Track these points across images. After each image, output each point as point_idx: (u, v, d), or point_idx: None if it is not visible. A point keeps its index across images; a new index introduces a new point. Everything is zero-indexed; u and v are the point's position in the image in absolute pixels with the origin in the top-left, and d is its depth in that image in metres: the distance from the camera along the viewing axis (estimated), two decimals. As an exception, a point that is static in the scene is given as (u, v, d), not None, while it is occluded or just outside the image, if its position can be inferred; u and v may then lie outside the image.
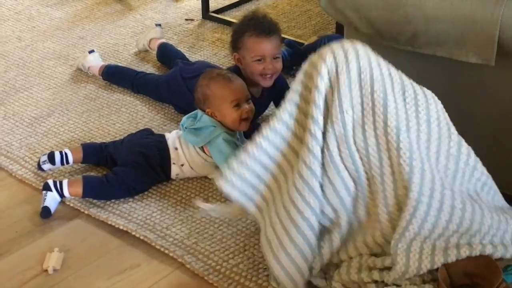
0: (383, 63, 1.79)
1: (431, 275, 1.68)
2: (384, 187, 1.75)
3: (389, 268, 1.71)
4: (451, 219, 1.71)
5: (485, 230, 1.71)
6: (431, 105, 1.78)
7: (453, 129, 1.81)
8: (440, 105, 1.80)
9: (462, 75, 2.04)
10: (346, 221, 1.80)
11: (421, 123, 1.76)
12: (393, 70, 1.80)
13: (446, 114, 1.81)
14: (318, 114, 1.75)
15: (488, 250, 1.67)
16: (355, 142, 1.75)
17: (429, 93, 1.80)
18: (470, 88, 2.04)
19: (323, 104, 1.76)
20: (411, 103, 1.76)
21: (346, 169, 1.77)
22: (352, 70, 1.74)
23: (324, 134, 1.76)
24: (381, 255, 1.77)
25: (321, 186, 1.78)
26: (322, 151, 1.77)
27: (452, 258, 1.65)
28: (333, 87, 1.75)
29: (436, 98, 1.80)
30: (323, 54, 1.77)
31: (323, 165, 1.77)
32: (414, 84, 1.80)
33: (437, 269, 1.66)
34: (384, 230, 1.76)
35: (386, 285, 1.70)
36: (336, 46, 1.77)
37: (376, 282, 1.73)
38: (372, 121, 1.74)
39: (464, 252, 1.65)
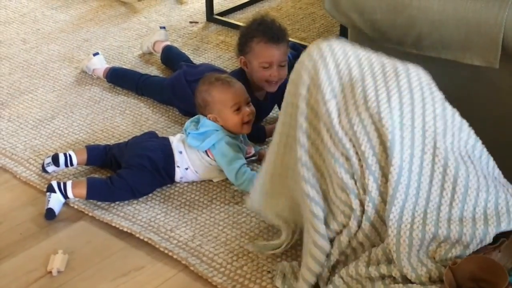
0: (362, 52, 1.84)
1: (438, 272, 1.68)
2: (370, 161, 1.76)
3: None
4: (434, 183, 1.73)
5: (483, 196, 1.73)
6: (412, 73, 1.80)
7: (436, 92, 1.81)
8: (422, 73, 1.82)
9: (466, 78, 2.04)
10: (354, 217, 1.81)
11: (403, 90, 1.78)
12: (373, 55, 1.84)
13: (431, 81, 1.82)
14: (302, 119, 1.83)
15: (480, 228, 1.69)
16: (342, 127, 1.78)
17: (412, 65, 1.82)
18: (474, 90, 2.04)
19: (306, 108, 1.83)
20: (391, 75, 1.79)
21: (342, 155, 1.79)
22: (328, 64, 1.81)
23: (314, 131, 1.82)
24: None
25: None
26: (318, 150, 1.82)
27: (443, 231, 1.68)
28: (315, 84, 1.81)
29: (421, 69, 1.82)
30: (300, 60, 1.86)
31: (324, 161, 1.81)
32: (396, 60, 1.83)
33: (445, 266, 1.66)
34: (377, 207, 1.77)
35: (394, 280, 1.70)
36: (311, 47, 1.86)
37: (383, 278, 1.73)
38: (353, 102, 1.78)
39: (455, 228, 1.68)
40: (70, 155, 2.34)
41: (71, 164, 2.35)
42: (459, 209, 1.72)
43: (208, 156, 2.30)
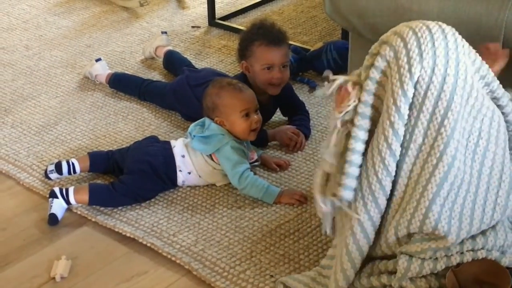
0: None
1: (438, 282, 1.67)
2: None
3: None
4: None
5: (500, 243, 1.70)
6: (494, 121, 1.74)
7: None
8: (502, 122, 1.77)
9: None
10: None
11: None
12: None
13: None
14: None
15: (494, 255, 1.67)
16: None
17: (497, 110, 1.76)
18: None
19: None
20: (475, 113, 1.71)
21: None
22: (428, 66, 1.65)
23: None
24: (393, 257, 1.76)
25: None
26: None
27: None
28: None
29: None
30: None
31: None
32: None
33: (444, 276, 1.66)
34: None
35: None
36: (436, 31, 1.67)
37: (384, 287, 1.73)
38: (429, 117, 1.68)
39: (467, 256, 1.66)
40: (73, 163, 2.34)
41: (74, 172, 2.35)
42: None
43: (213, 159, 2.30)
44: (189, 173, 2.31)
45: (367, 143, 1.73)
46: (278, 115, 2.69)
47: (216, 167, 2.30)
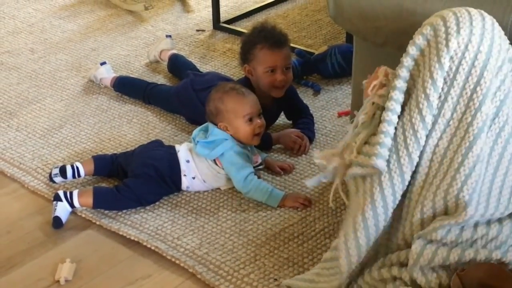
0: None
1: (448, 279, 1.66)
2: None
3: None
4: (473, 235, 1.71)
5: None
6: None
7: None
8: None
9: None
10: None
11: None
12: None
13: None
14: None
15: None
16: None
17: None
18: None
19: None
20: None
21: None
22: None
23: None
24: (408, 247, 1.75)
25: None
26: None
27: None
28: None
29: None
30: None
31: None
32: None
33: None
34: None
35: (404, 283, 1.69)
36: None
37: (395, 279, 1.72)
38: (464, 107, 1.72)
39: (481, 254, 1.66)
40: (77, 167, 2.35)
41: (79, 176, 2.35)
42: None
43: (217, 164, 2.30)
44: (194, 178, 2.31)
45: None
46: (282, 119, 2.69)
47: (220, 172, 2.31)
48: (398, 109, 1.75)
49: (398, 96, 1.75)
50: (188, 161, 2.31)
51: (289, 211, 2.23)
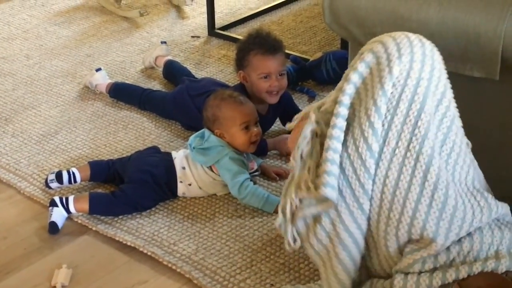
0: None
1: None
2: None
3: None
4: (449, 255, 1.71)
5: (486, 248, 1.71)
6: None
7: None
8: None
9: (466, 89, 2.04)
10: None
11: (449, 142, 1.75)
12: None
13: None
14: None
15: (489, 267, 1.67)
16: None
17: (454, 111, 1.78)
18: (474, 101, 2.04)
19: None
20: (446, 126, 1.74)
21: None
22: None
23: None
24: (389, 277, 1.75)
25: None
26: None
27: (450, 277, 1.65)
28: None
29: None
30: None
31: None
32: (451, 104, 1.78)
33: None
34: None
35: None
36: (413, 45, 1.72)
37: None
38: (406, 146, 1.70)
39: (463, 271, 1.65)
40: (73, 173, 2.35)
41: (75, 181, 2.36)
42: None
43: (213, 171, 2.31)
44: (190, 184, 2.31)
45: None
46: (277, 125, 2.70)
47: (216, 178, 2.31)
48: (342, 137, 1.70)
49: (341, 123, 1.69)
50: (184, 168, 2.31)
51: (285, 217, 2.24)
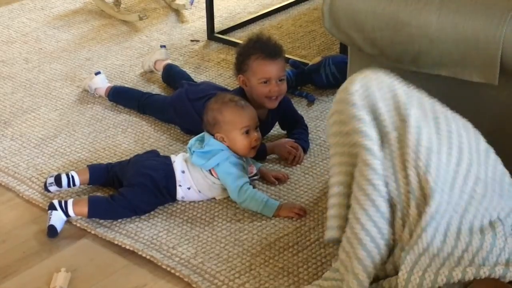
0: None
1: None
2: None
3: None
4: (457, 244, 1.72)
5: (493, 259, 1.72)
6: (463, 134, 1.82)
7: (490, 153, 1.84)
8: (472, 131, 1.84)
9: (466, 94, 2.05)
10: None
11: (453, 147, 1.79)
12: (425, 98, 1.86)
13: (481, 139, 1.85)
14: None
15: (497, 273, 1.67)
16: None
17: (460, 121, 1.84)
18: (474, 107, 2.05)
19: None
20: (444, 131, 1.80)
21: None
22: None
23: None
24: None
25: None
26: None
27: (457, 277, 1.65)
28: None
29: (468, 125, 1.85)
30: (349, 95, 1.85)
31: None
32: (447, 113, 1.84)
33: None
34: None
35: None
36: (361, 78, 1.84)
37: None
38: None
39: (469, 273, 1.65)
40: (72, 176, 2.35)
41: (74, 185, 2.36)
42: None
43: (212, 175, 2.31)
44: (189, 188, 2.31)
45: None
46: (276, 129, 2.70)
47: (216, 182, 2.31)
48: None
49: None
50: (183, 172, 2.31)
51: (284, 221, 2.24)
